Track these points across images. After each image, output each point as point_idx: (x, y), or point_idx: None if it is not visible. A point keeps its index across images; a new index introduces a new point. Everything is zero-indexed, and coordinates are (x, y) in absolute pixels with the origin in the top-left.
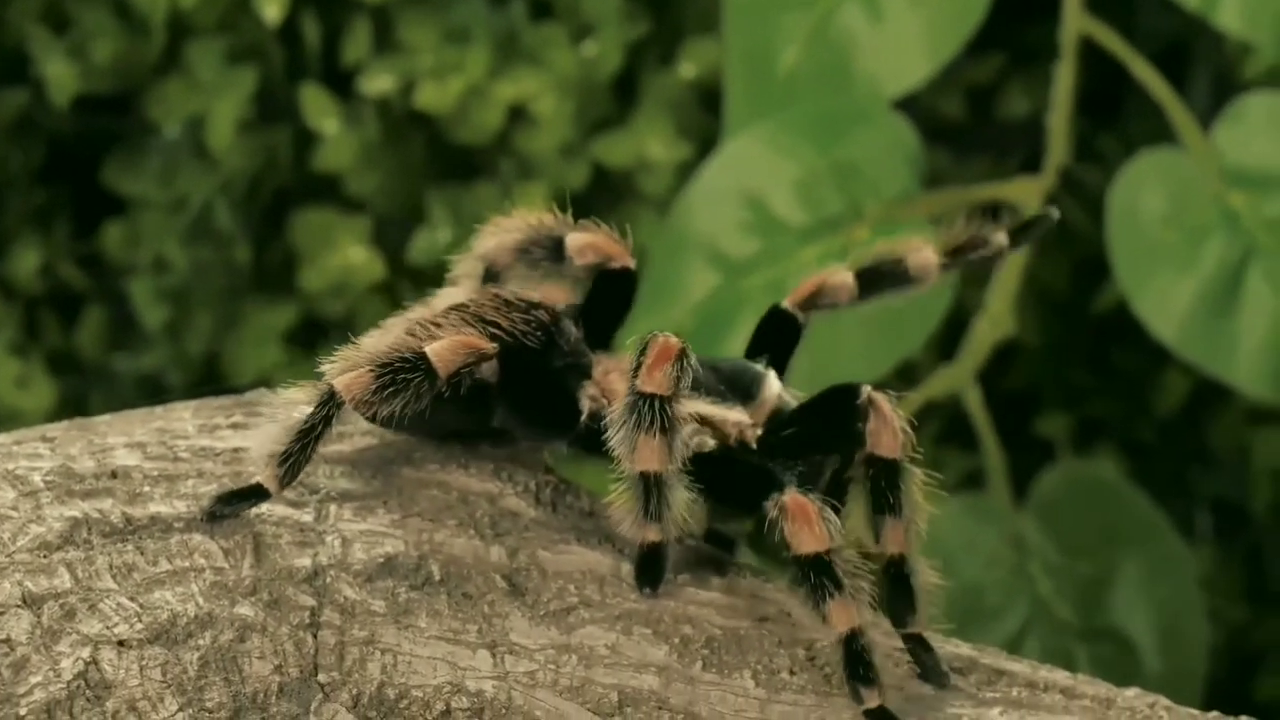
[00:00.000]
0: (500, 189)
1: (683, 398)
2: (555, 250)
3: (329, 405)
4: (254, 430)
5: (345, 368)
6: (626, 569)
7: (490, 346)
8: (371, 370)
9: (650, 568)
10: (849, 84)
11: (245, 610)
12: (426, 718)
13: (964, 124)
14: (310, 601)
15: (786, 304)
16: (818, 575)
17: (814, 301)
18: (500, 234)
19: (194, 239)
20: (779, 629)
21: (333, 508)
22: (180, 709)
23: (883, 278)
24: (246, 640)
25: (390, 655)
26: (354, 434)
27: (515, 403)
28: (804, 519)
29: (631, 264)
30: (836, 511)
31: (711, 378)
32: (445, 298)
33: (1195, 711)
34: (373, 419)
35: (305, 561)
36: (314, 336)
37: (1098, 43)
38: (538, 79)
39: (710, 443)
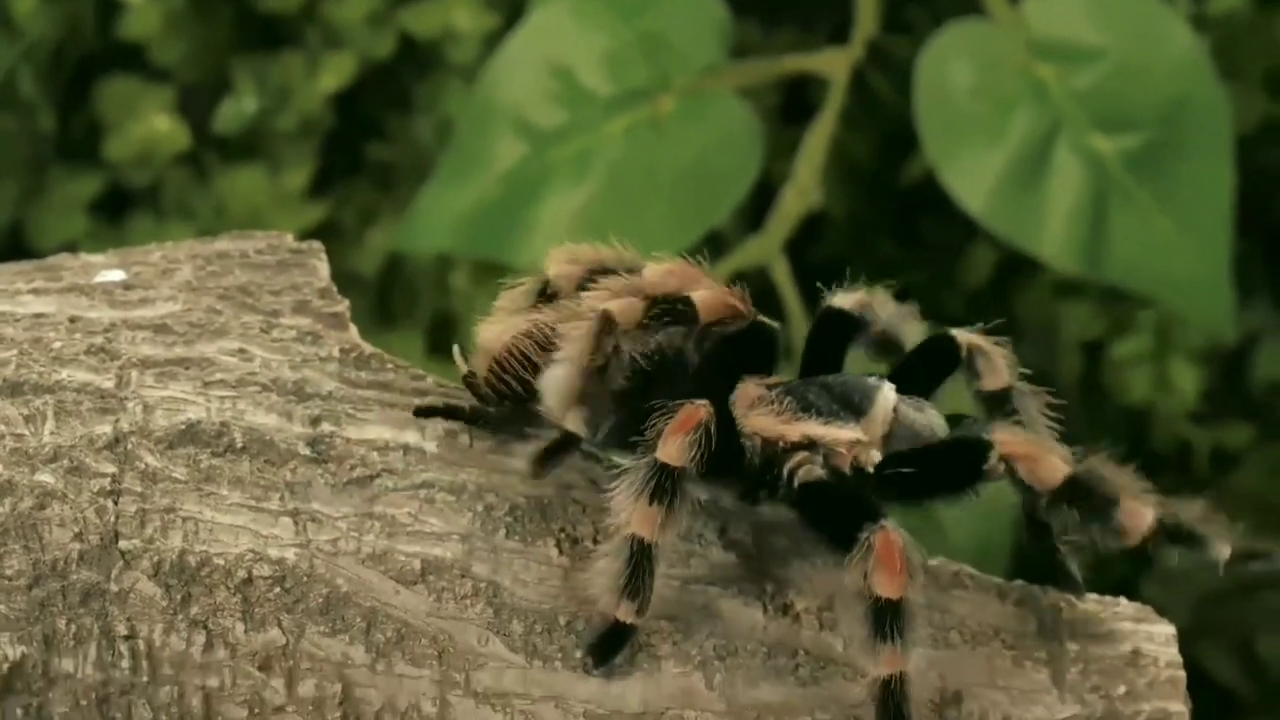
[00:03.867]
0: (307, 58)
1: (790, 420)
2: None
3: (608, 329)
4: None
5: (613, 294)
6: (431, 434)
7: (747, 309)
8: (642, 303)
9: (610, 646)
10: None
11: (45, 477)
12: (228, 585)
13: None
14: (111, 469)
15: (956, 332)
16: (886, 618)
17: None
18: (565, 264)
19: None
20: (583, 496)
21: (134, 374)
22: None
23: (1089, 503)
24: (46, 507)
25: (192, 523)
26: (157, 299)
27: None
28: (888, 563)
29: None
30: None
31: (823, 396)
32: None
33: (999, 580)
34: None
35: (106, 428)
36: (119, 206)
37: None
38: None
39: (818, 471)
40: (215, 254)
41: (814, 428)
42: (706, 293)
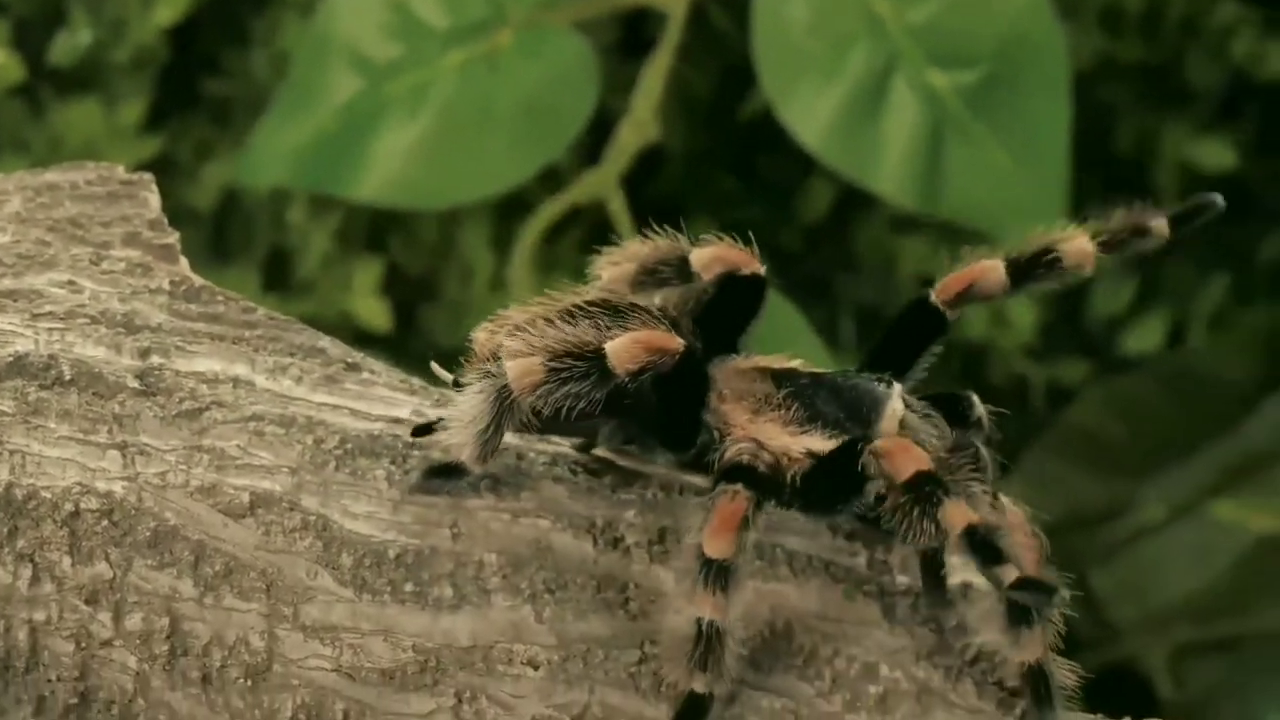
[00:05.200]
0: None
1: (795, 434)
2: (681, 269)
3: (504, 399)
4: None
5: (517, 352)
6: (261, 367)
7: (677, 344)
8: (544, 364)
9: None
10: None
11: None
12: (55, 519)
13: None
14: None
15: (934, 298)
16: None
17: (965, 297)
18: (616, 266)
19: None
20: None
21: None
22: None
23: (1037, 269)
24: None
25: (19, 456)
26: None
27: (642, 415)
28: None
29: (761, 270)
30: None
31: (830, 403)
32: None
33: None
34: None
35: None
36: None
37: None
38: None
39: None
40: (45, 185)
41: (818, 443)
42: (624, 340)
